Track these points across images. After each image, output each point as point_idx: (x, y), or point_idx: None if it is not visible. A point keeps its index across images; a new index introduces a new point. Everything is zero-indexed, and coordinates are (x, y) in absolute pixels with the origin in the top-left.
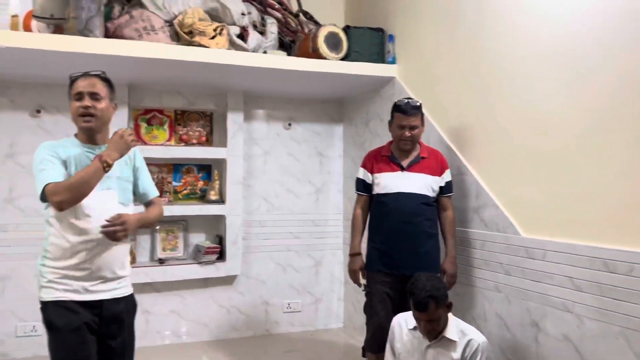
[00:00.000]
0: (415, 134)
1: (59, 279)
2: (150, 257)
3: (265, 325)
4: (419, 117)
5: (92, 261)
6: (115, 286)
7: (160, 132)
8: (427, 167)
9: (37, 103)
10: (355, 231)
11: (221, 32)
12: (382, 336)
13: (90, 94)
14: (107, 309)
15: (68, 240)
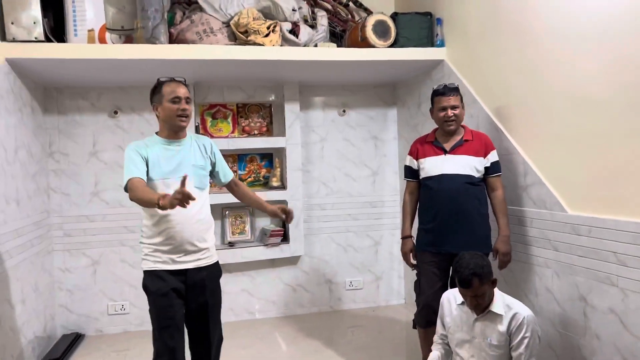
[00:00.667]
0: (457, 113)
1: (151, 252)
2: (221, 241)
3: (329, 302)
4: (458, 97)
5: (175, 237)
6: (198, 257)
7: (225, 125)
8: (470, 149)
9: (114, 105)
10: (405, 215)
11: (274, 29)
12: (428, 313)
13: (186, 99)
14: (190, 277)
15: (154, 221)
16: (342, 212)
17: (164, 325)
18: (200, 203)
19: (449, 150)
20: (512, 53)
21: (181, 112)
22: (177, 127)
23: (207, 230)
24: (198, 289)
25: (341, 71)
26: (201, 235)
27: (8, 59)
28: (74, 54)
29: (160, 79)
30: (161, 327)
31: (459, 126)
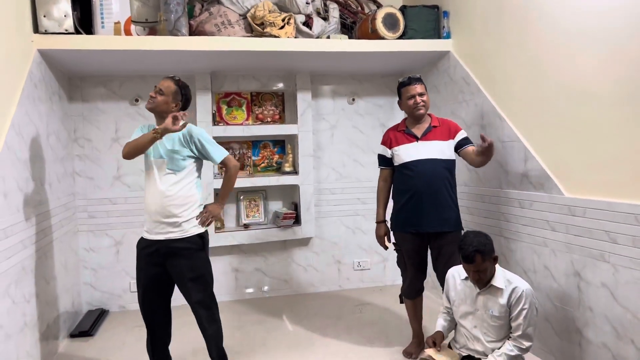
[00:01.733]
0: (425, 100)
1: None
2: (237, 223)
3: (338, 281)
4: (423, 86)
5: (147, 210)
6: (170, 230)
7: (239, 113)
8: (439, 134)
9: (135, 93)
10: (379, 201)
11: (289, 21)
12: (416, 284)
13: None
14: (164, 247)
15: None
16: (351, 196)
17: (138, 285)
18: (171, 182)
19: (420, 137)
20: (515, 46)
21: (149, 97)
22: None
23: (181, 206)
24: (172, 259)
25: (351, 61)
26: (171, 210)
27: (40, 50)
28: (101, 45)
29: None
30: (137, 287)
31: (427, 111)
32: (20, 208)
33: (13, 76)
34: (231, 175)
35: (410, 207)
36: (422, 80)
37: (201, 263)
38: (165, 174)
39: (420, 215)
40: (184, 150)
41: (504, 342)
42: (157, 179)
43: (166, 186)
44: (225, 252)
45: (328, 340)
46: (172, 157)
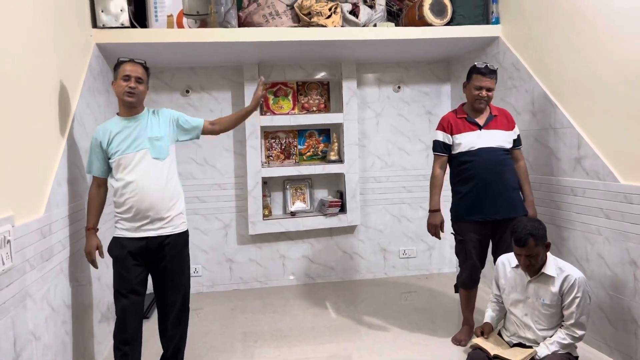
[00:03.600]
0: (490, 95)
1: (118, 220)
2: (283, 211)
3: (383, 269)
4: (494, 80)
5: (134, 207)
6: (159, 225)
7: (286, 102)
8: (500, 124)
9: (186, 84)
10: (435, 189)
11: (335, 10)
12: (476, 275)
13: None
14: (151, 244)
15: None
16: (396, 185)
17: (118, 288)
18: (158, 173)
19: (483, 125)
20: (567, 30)
21: (128, 89)
22: (126, 103)
23: (171, 199)
24: (159, 256)
25: (398, 49)
26: (163, 204)
27: (98, 44)
28: (155, 38)
29: (120, 58)
30: (117, 289)
31: (487, 106)
32: (83, 195)
33: (75, 69)
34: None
35: (474, 196)
36: (497, 73)
37: (186, 262)
38: (151, 164)
39: (485, 203)
40: (166, 133)
41: (556, 330)
42: (146, 170)
43: (156, 177)
44: (273, 239)
45: (375, 326)
46: (155, 145)
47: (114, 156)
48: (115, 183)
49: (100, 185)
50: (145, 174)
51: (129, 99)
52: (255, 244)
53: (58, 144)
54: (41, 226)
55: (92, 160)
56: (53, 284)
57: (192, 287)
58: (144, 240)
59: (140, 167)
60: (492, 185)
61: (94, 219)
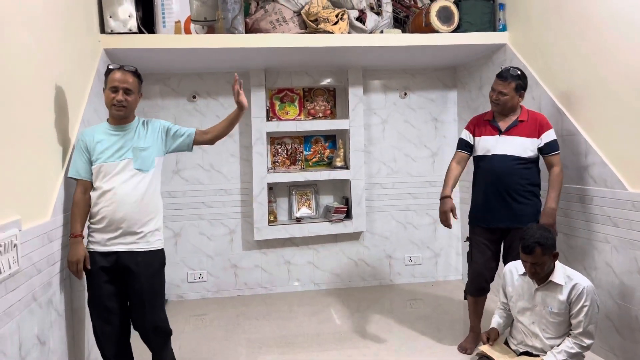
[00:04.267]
0: (502, 99)
1: (90, 232)
2: (289, 217)
3: (389, 276)
4: (511, 85)
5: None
6: (133, 240)
7: (292, 108)
8: (524, 130)
9: (192, 90)
10: (447, 180)
11: (342, 17)
12: (479, 281)
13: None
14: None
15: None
16: (402, 191)
17: (93, 304)
18: (137, 184)
19: (504, 130)
20: (574, 37)
21: (116, 102)
22: (113, 115)
23: (147, 214)
24: (131, 275)
25: (404, 56)
26: (138, 218)
27: (106, 49)
28: (163, 44)
29: (109, 65)
30: (91, 306)
31: (504, 110)
32: None
33: (83, 75)
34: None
35: (480, 202)
36: (518, 79)
37: (161, 282)
38: (132, 175)
39: (487, 211)
40: (154, 145)
41: (564, 339)
42: (123, 182)
43: (135, 188)
44: (278, 244)
45: (380, 333)
46: (139, 156)
47: (95, 163)
48: (94, 191)
49: (87, 189)
50: (123, 183)
51: (117, 112)
52: (260, 249)
53: (65, 149)
54: (48, 230)
55: (77, 163)
56: (59, 289)
57: (198, 293)
58: (115, 255)
59: (120, 176)
60: (496, 194)
61: (79, 226)
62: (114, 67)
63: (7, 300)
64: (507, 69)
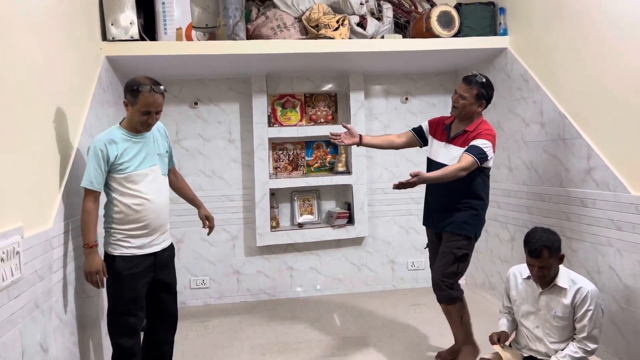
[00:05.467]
0: (460, 103)
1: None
2: (291, 222)
3: (392, 281)
4: (472, 91)
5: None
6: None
7: (293, 114)
8: (464, 141)
9: (194, 96)
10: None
11: (343, 22)
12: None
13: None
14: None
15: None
16: (404, 196)
17: (129, 309)
18: (166, 189)
19: (451, 137)
20: (576, 41)
21: (147, 125)
22: (140, 130)
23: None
24: (165, 268)
25: (405, 61)
26: (166, 218)
27: (108, 56)
28: (164, 51)
29: (139, 87)
30: (126, 310)
31: (460, 115)
32: None
33: (85, 82)
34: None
35: (425, 204)
36: (478, 84)
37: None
38: (163, 181)
39: (429, 214)
40: (165, 150)
41: (568, 343)
42: (159, 187)
43: (166, 192)
44: (280, 250)
45: (384, 339)
46: (163, 161)
47: (123, 172)
48: (126, 199)
49: (97, 199)
50: (158, 191)
51: (146, 130)
52: (262, 255)
53: (67, 156)
54: (50, 238)
55: (93, 173)
56: (61, 296)
57: (200, 299)
58: (153, 256)
59: (155, 184)
60: (431, 200)
61: (93, 236)
62: (145, 89)
63: (10, 307)
64: (474, 74)
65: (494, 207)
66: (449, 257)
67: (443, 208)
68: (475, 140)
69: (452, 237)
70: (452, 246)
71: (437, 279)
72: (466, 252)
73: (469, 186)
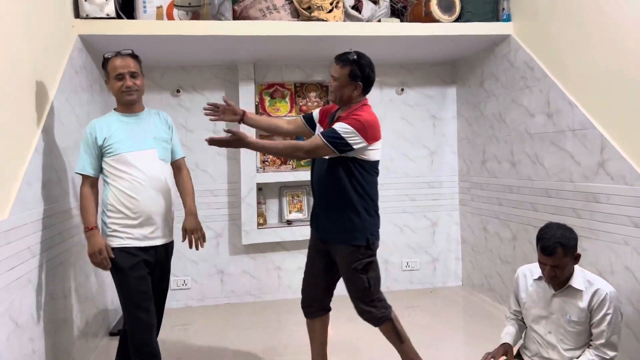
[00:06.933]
0: (333, 85)
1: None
2: (279, 219)
3: (385, 282)
4: (344, 70)
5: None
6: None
7: (283, 105)
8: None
9: (176, 84)
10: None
11: (337, 5)
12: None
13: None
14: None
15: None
16: (399, 193)
17: (140, 301)
18: (166, 175)
19: (330, 124)
20: (586, 25)
21: (125, 89)
22: (125, 102)
23: (172, 204)
24: (162, 267)
25: (401, 49)
26: (168, 209)
27: (81, 35)
28: (143, 30)
29: (105, 55)
30: (137, 304)
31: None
32: (59, 198)
33: (53, 62)
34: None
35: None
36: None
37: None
38: (160, 166)
39: (314, 214)
40: (169, 137)
41: (583, 350)
42: (155, 172)
43: (165, 177)
44: (268, 249)
45: (376, 343)
46: (161, 146)
47: (113, 153)
48: (118, 183)
49: (93, 185)
50: (155, 175)
51: (129, 97)
52: (248, 254)
53: (29, 140)
54: (5, 230)
55: (86, 158)
56: (18, 297)
57: (181, 301)
58: (153, 250)
59: (150, 167)
60: (316, 198)
61: (93, 218)
62: (110, 55)
63: None
64: (347, 52)
65: (494, 204)
66: (352, 275)
67: (323, 208)
68: (336, 124)
69: (344, 251)
70: (348, 262)
71: (354, 303)
72: (368, 260)
73: (345, 182)
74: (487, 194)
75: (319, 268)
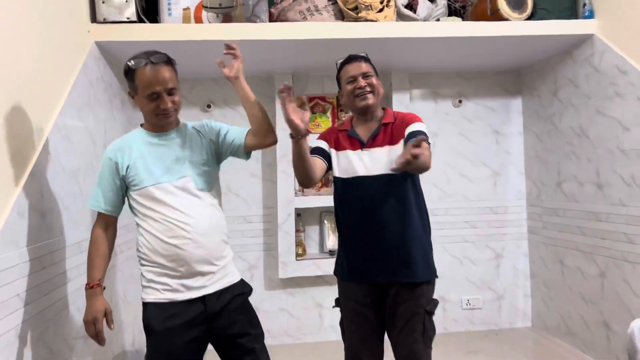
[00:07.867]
0: (372, 82)
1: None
2: (320, 249)
3: (442, 322)
4: (369, 65)
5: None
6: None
7: (324, 120)
8: (389, 135)
9: (207, 98)
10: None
11: (388, 3)
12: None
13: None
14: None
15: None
16: (457, 219)
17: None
18: (209, 210)
19: (366, 142)
20: None
21: (161, 112)
22: (160, 123)
23: (225, 242)
24: (223, 318)
25: (463, 52)
26: (217, 250)
27: (98, 42)
28: (169, 36)
29: (129, 63)
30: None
31: (376, 102)
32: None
33: (64, 71)
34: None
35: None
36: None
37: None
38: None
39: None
40: (209, 155)
41: None
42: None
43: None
44: (308, 283)
45: None
46: (200, 172)
47: (138, 186)
48: (149, 225)
49: (109, 225)
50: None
51: (167, 120)
52: (286, 289)
53: (23, 162)
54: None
55: (102, 190)
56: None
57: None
58: (201, 303)
59: (185, 203)
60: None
61: (99, 272)
62: (137, 65)
63: None
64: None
65: (574, 233)
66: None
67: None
68: (412, 126)
69: (419, 291)
70: (422, 303)
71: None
72: (436, 300)
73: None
74: (564, 222)
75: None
